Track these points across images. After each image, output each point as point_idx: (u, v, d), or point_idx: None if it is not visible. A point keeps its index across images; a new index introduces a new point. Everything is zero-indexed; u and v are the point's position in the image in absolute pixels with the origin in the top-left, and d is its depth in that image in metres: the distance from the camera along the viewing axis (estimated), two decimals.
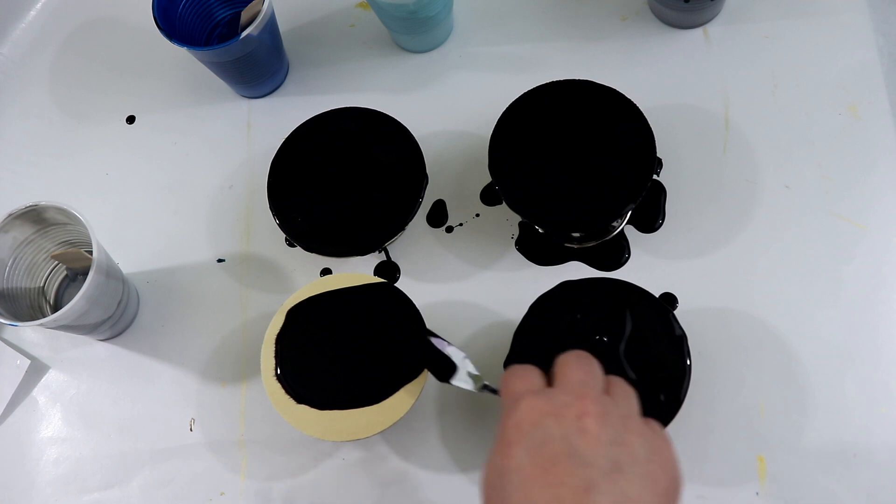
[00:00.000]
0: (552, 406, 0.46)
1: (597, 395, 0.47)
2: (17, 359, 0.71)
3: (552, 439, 0.44)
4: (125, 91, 0.79)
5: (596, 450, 0.44)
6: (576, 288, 0.61)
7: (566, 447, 0.44)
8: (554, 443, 0.44)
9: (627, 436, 0.45)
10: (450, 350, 0.59)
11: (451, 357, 0.59)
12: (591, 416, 0.45)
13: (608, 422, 0.45)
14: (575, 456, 0.44)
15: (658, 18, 0.73)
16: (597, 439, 0.44)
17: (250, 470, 0.66)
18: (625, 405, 0.48)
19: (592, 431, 0.44)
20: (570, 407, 0.46)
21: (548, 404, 0.46)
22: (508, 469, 0.44)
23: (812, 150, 0.68)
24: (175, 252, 0.73)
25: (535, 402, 0.46)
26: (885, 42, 0.70)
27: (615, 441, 0.45)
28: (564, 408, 0.46)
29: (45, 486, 0.68)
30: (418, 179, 0.66)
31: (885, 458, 0.60)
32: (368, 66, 0.76)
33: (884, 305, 0.64)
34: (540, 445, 0.44)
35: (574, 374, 0.48)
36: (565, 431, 0.44)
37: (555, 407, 0.46)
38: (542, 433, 0.45)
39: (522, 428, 0.45)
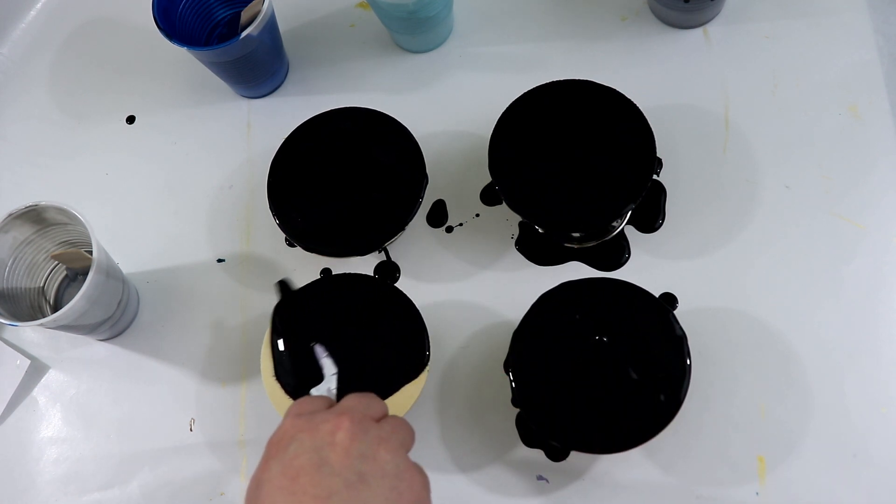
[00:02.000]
0: (310, 423, 0.48)
1: (358, 416, 0.48)
2: (17, 359, 0.71)
3: (303, 451, 0.46)
4: (125, 91, 0.79)
5: (343, 462, 0.46)
6: (576, 288, 0.61)
7: (315, 459, 0.46)
8: (303, 455, 0.46)
9: (379, 452, 0.47)
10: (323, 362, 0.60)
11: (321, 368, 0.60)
12: (343, 430, 0.47)
13: (361, 438, 0.47)
14: (322, 466, 0.45)
15: (658, 18, 0.73)
16: (346, 452, 0.46)
17: (250, 470, 0.66)
18: (388, 431, 0.49)
19: (342, 444, 0.46)
20: (326, 422, 0.47)
21: (307, 422, 0.48)
22: (262, 481, 0.46)
23: (812, 150, 0.68)
24: (175, 252, 0.73)
25: (296, 420, 0.48)
26: (885, 42, 0.70)
27: (364, 455, 0.46)
28: (321, 423, 0.48)
29: (45, 486, 0.68)
30: (418, 179, 0.66)
31: (885, 458, 0.60)
32: (368, 66, 0.76)
33: (884, 305, 0.64)
34: (291, 458, 0.46)
35: (346, 401, 0.50)
36: (317, 444, 0.46)
37: (313, 423, 0.48)
38: (295, 447, 0.47)
39: (280, 443, 0.47)
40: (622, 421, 0.57)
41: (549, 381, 0.59)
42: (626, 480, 0.62)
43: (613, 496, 0.62)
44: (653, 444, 0.57)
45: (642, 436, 0.57)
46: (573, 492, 0.62)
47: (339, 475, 0.45)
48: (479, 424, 0.65)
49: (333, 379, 0.59)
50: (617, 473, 0.62)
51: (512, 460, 0.64)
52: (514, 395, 0.59)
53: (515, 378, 0.59)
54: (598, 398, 0.58)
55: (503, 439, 0.64)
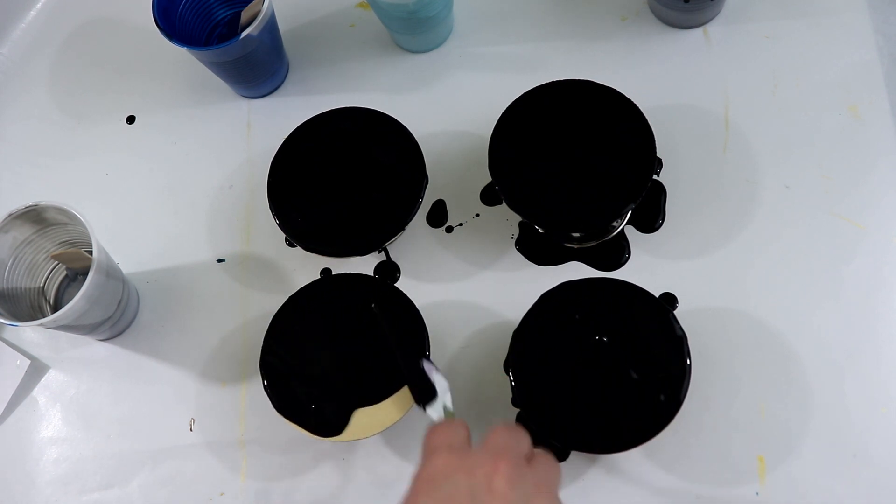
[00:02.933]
0: (466, 463, 0.46)
1: (513, 458, 0.47)
2: (17, 359, 0.71)
3: (458, 493, 0.45)
4: (125, 91, 0.79)
5: None
6: (576, 288, 0.61)
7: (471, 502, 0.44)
8: (459, 498, 0.44)
9: (535, 500, 0.45)
10: (436, 377, 0.59)
11: (434, 385, 0.58)
12: (501, 475, 0.45)
13: (518, 484, 0.45)
14: None
15: (658, 18, 0.73)
16: (503, 498, 0.44)
17: (250, 470, 0.66)
18: (543, 475, 0.48)
19: (500, 490, 0.45)
20: (482, 465, 0.46)
21: (462, 460, 0.46)
22: None
23: (812, 150, 0.68)
24: (175, 252, 0.73)
25: (449, 457, 0.47)
26: (885, 42, 0.70)
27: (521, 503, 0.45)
28: (477, 466, 0.46)
29: (45, 486, 0.68)
30: (418, 179, 0.66)
31: (885, 458, 0.60)
32: (368, 66, 0.76)
33: (884, 305, 0.64)
34: (445, 498, 0.45)
35: (497, 438, 0.48)
36: (473, 488, 0.45)
37: (468, 464, 0.46)
38: (450, 487, 0.45)
39: (434, 481, 0.46)
40: (622, 421, 0.57)
41: (549, 381, 0.59)
42: (626, 480, 0.62)
43: (613, 496, 0.62)
44: (653, 444, 0.57)
45: (642, 436, 0.57)
46: (573, 492, 0.62)
47: None
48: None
49: (448, 395, 0.58)
50: (617, 473, 0.62)
51: None
52: (514, 395, 0.59)
53: (515, 378, 0.59)
54: (598, 398, 0.58)
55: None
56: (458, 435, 0.49)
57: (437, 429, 0.49)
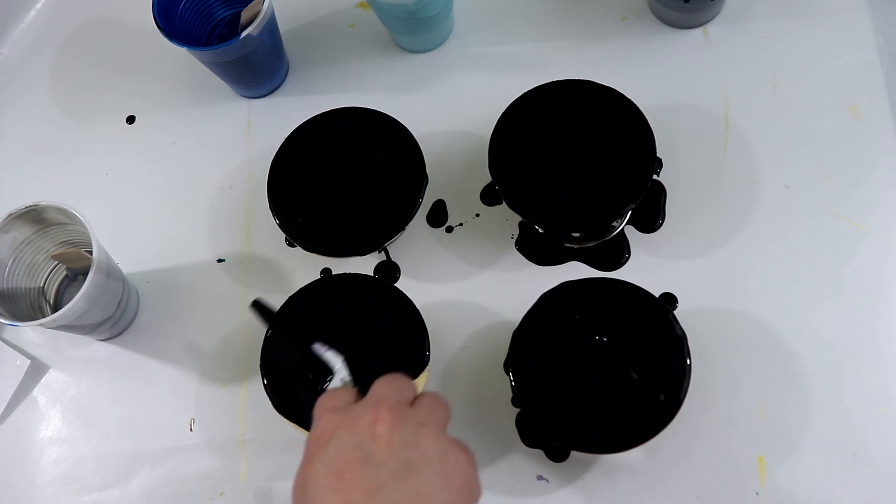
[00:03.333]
0: (348, 418, 0.48)
1: (393, 404, 0.48)
2: (17, 359, 0.71)
3: (346, 448, 0.46)
4: (125, 91, 0.79)
5: (387, 452, 0.46)
6: (576, 288, 0.61)
7: (358, 454, 0.46)
8: (347, 451, 0.46)
9: (420, 439, 0.47)
10: (327, 356, 0.60)
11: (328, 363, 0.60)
12: (382, 422, 0.47)
13: (400, 427, 0.47)
14: (367, 461, 0.45)
15: (658, 18, 0.73)
16: (388, 443, 0.46)
17: (250, 470, 0.66)
18: (425, 414, 0.49)
19: (384, 436, 0.46)
20: (363, 416, 0.47)
21: (344, 417, 0.48)
22: (307, 480, 0.46)
23: (812, 150, 0.68)
24: (175, 252, 0.73)
25: (332, 416, 0.48)
26: (885, 42, 0.70)
27: (407, 444, 0.46)
28: (358, 417, 0.47)
29: (45, 486, 0.68)
30: (418, 179, 0.66)
31: (885, 458, 0.60)
32: (368, 66, 0.76)
33: (884, 305, 0.64)
34: (334, 456, 0.46)
35: (378, 389, 0.50)
36: (359, 439, 0.46)
37: (350, 418, 0.48)
38: (336, 443, 0.46)
39: (320, 441, 0.47)
40: (622, 421, 0.57)
41: (549, 381, 0.59)
42: (626, 481, 0.62)
43: (613, 496, 0.62)
44: (653, 444, 0.57)
45: (642, 436, 0.57)
46: (573, 492, 0.62)
47: (385, 467, 0.45)
48: (479, 424, 0.65)
49: (344, 369, 0.59)
50: (617, 473, 0.62)
51: (512, 460, 0.64)
52: (514, 395, 0.59)
53: (515, 378, 0.59)
54: (598, 398, 0.58)
55: (503, 439, 0.64)
56: (341, 397, 0.50)
57: (322, 397, 0.51)
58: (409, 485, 0.45)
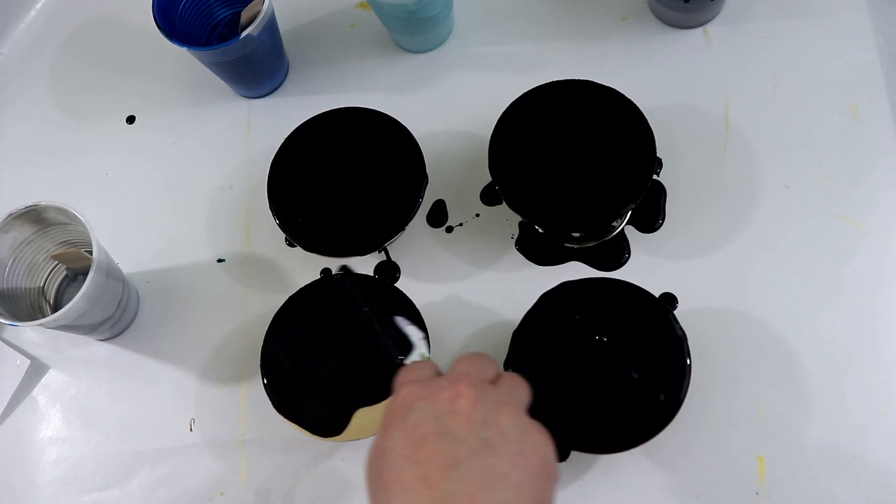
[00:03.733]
0: (428, 391, 0.48)
1: (474, 381, 0.48)
2: (17, 359, 0.71)
3: (425, 420, 0.46)
4: (125, 91, 0.79)
5: (466, 428, 0.46)
6: (576, 288, 0.61)
7: (437, 427, 0.46)
8: (426, 423, 0.46)
9: (500, 417, 0.47)
10: (408, 329, 0.60)
11: (409, 336, 0.60)
12: (463, 397, 0.47)
13: (481, 404, 0.47)
14: (445, 434, 0.45)
15: (658, 18, 0.73)
16: (467, 419, 0.46)
17: (250, 470, 0.66)
18: (506, 393, 0.49)
19: (463, 411, 0.46)
20: (444, 390, 0.47)
21: (424, 389, 0.48)
22: (385, 450, 0.46)
23: (812, 150, 0.68)
24: (175, 252, 0.73)
25: (413, 388, 0.48)
26: (885, 42, 0.70)
27: (486, 421, 0.46)
28: (439, 391, 0.47)
29: (45, 486, 0.68)
30: (418, 179, 0.66)
31: (885, 458, 0.60)
32: (368, 66, 0.76)
33: (884, 305, 0.64)
34: (413, 427, 0.46)
35: (460, 365, 0.50)
36: (438, 412, 0.46)
37: (430, 391, 0.48)
38: (416, 415, 0.46)
39: (399, 411, 0.47)
40: (622, 421, 0.57)
41: (549, 381, 0.59)
42: (626, 480, 0.62)
43: (613, 496, 0.62)
44: (653, 444, 0.57)
45: (642, 436, 0.57)
46: (573, 492, 0.62)
47: (463, 443, 0.45)
48: None
49: (424, 345, 0.60)
50: (617, 473, 0.62)
51: None
52: None
53: None
54: (598, 398, 0.58)
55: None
56: (423, 370, 0.51)
57: (404, 368, 0.52)
58: (487, 462, 0.44)
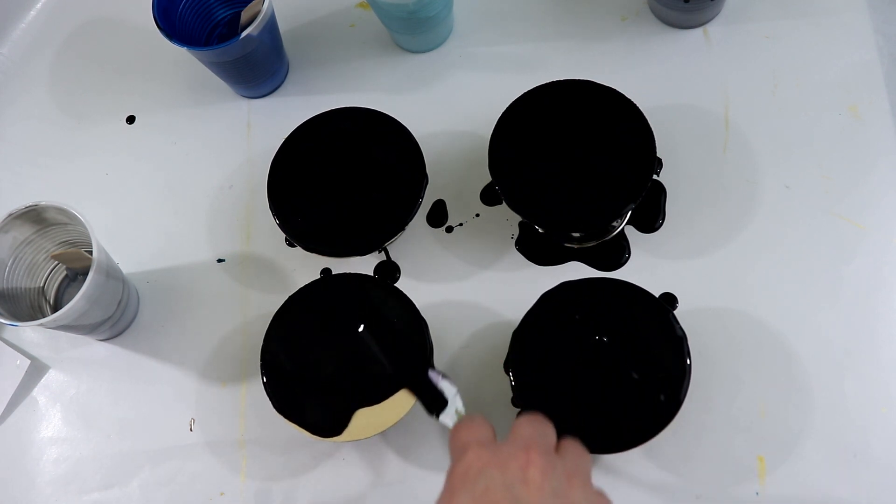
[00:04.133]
0: (498, 457, 0.47)
1: (543, 449, 0.47)
2: (17, 359, 0.71)
3: (495, 488, 0.45)
4: (125, 91, 0.79)
5: (538, 498, 0.45)
6: (576, 288, 0.61)
7: (508, 496, 0.45)
8: (496, 491, 0.45)
9: (571, 491, 0.46)
10: (443, 384, 0.58)
11: (443, 392, 0.58)
12: (535, 467, 0.46)
13: (552, 474, 0.46)
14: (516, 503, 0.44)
15: (658, 18, 0.73)
16: (539, 489, 0.45)
17: (250, 470, 0.66)
18: (572, 463, 0.48)
19: (535, 482, 0.45)
20: (514, 458, 0.46)
21: (494, 455, 0.47)
22: None
23: (812, 150, 0.68)
24: (175, 252, 0.73)
25: (481, 452, 0.47)
26: (885, 42, 0.70)
27: (557, 493, 0.45)
28: (509, 458, 0.46)
29: (45, 486, 0.68)
30: (418, 179, 0.66)
31: (885, 458, 0.60)
32: (368, 66, 0.76)
33: (884, 305, 0.64)
34: (483, 492, 0.45)
35: (524, 430, 0.49)
36: (508, 481, 0.45)
37: (500, 458, 0.47)
38: (485, 481, 0.45)
39: (468, 476, 0.46)
40: (622, 421, 0.57)
41: (549, 381, 0.59)
42: (626, 480, 0.62)
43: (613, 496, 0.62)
44: (653, 444, 0.57)
45: (642, 436, 0.57)
46: None
47: None
48: None
49: (458, 399, 0.57)
50: (617, 473, 0.62)
51: None
52: (514, 395, 0.59)
53: (515, 378, 0.59)
54: (598, 398, 0.58)
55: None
56: (484, 430, 0.49)
57: (461, 427, 0.50)
58: None
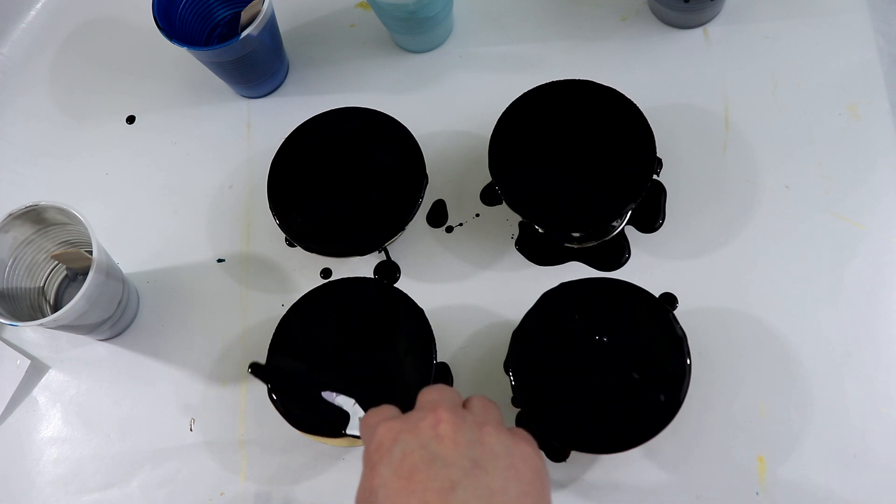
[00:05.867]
0: (408, 423, 0.48)
1: (450, 406, 0.48)
2: (17, 359, 0.71)
3: (411, 451, 0.46)
4: (125, 91, 0.79)
5: (454, 451, 0.46)
6: (576, 288, 0.61)
7: (425, 455, 0.45)
8: (413, 453, 0.46)
9: (484, 437, 0.47)
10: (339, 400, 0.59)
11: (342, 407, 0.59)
12: (445, 423, 0.47)
13: (463, 426, 0.47)
14: (435, 460, 0.45)
15: (658, 18, 0.73)
16: (453, 441, 0.46)
17: (250, 470, 0.66)
18: (481, 414, 0.49)
19: (448, 435, 0.46)
20: (424, 420, 0.47)
21: (403, 423, 0.48)
22: (375, 488, 0.46)
23: (812, 150, 0.68)
24: (175, 252, 0.73)
25: (391, 423, 0.48)
26: (885, 42, 0.70)
27: (472, 442, 0.46)
28: (419, 421, 0.47)
29: (45, 486, 0.68)
30: (418, 179, 0.66)
31: (885, 458, 0.60)
32: (368, 66, 0.76)
33: (884, 305, 0.64)
34: (401, 459, 0.46)
35: (428, 395, 0.50)
36: (423, 441, 0.46)
37: (410, 423, 0.47)
38: (401, 447, 0.46)
39: (383, 447, 0.47)
40: (622, 421, 0.57)
41: (549, 381, 0.59)
42: (626, 480, 0.62)
43: (613, 496, 0.62)
44: (653, 444, 0.57)
45: (642, 436, 0.57)
46: (573, 492, 0.62)
47: (454, 465, 0.45)
48: None
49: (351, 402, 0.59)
50: (617, 473, 0.62)
51: None
52: (514, 395, 0.59)
53: (515, 378, 0.59)
54: (598, 398, 0.58)
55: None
56: (389, 410, 0.51)
57: (367, 414, 0.51)
58: (481, 481, 0.44)
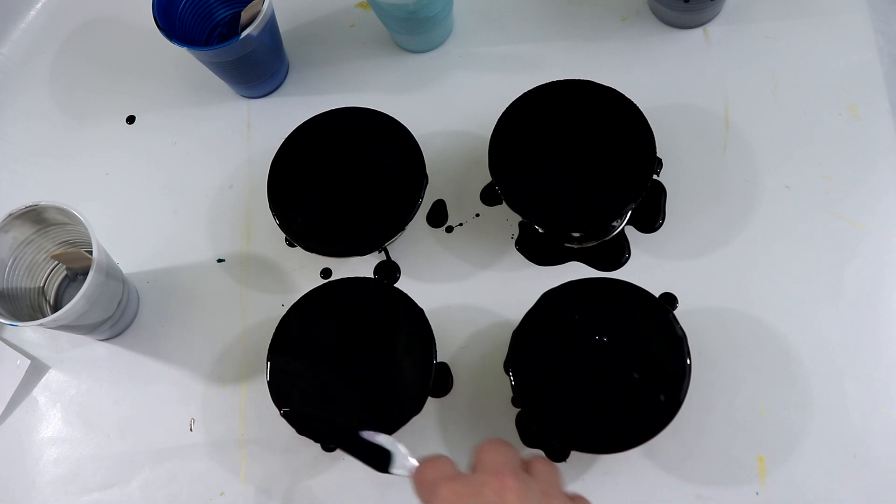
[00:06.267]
0: (472, 487, 0.46)
1: (514, 471, 0.47)
2: (17, 359, 0.71)
3: None
4: (125, 91, 0.79)
5: None
6: (576, 288, 0.61)
7: None
8: None
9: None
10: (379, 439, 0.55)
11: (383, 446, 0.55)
12: (510, 491, 0.45)
13: (527, 495, 0.45)
14: None
15: (658, 18, 0.73)
16: None
17: (250, 470, 0.66)
18: (545, 480, 0.48)
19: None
20: (488, 485, 0.46)
21: (467, 486, 0.46)
22: None
23: (812, 150, 0.68)
24: (175, 252, 0.73)
25: (453, 485, 0.46)
26: (885, 42, 0.70)
27: None
28: (483, 486, 0.46)
29: (45, 486, 0.68)
30: (418, 179, 0.66)
31: (885, 458, 0.60)
32: (368, 66, 0.76)
33: (884, 305, 0.64)
34: None
35: (488, 456, 0.48)
36: None
37: (474, 487, 0.46)
38: None
39: None
40: (622, 421, 0.57)
41: (549, 381, 0.59)
42: (626, 480, 0.62)
43: (613, 496, 0.62)
44: (653, 444, 0.57)
45: (642, 436, 0.57)
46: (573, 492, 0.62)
47: None
48: (479, 424, 0.65)
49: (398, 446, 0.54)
50: (617, 473, 0.62)
51: None
52: (514, 395, 0.59)
53: (515, 378, 0.59)
54: (598, 398, 0.58)
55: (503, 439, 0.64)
56: (447, 465, 0.49)
57: (423, 468, 0.49)
58: None
